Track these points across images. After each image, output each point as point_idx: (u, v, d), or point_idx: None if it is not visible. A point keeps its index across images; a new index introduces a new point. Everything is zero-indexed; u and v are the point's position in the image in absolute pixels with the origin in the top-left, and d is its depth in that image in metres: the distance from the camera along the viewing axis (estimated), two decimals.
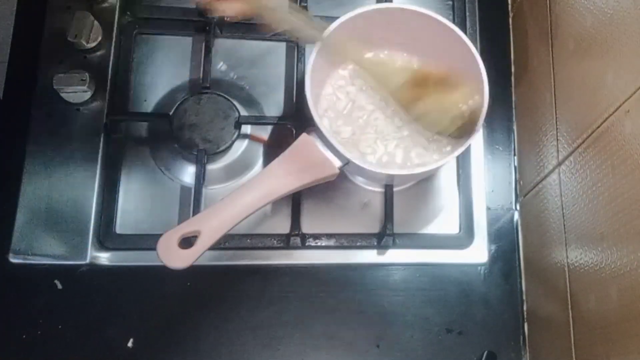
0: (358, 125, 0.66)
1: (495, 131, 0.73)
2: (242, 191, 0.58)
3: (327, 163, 0.59)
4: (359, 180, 0.70)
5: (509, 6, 0.77)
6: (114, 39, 0.71)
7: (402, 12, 0.64)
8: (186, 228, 0.56)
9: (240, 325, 0.66)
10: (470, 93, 0.62)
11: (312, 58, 0.61)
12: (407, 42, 0.67)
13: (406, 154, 0.65)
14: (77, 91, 0.68)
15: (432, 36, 0.64)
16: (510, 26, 0.77)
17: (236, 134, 0.68)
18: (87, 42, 0.69)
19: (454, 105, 0.62)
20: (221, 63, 0.73)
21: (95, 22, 0.70)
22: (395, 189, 0.69)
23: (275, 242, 0.67)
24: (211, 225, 0.56)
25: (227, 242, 0.66)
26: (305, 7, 0.71)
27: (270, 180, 0.58)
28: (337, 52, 0.62)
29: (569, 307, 0.58)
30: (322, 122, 0.62)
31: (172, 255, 0.54)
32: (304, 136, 0.60)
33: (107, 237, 0.66)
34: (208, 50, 0.70)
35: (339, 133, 0.65)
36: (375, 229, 0.69)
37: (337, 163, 0.60)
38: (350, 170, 0.64)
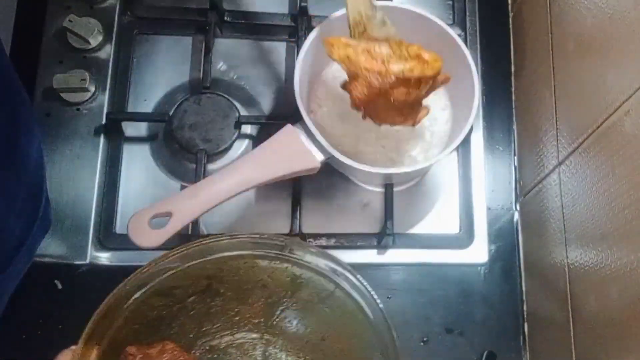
0: (354, 123, 0.66)
1: (495, 131, 0.73)
2: (218, 177, 0.57)
3: (308, 156, 0.59)
4: (359, 180, 0.70)
5: (509, 6, 0.77)
6: (114, 39, 0.71)
7: (398, 12, 0.64)
8: (158, 208, 0.55)
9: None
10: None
11: (304, 49, 0.61)
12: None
13: (402, 152, 0.65)
14: (77, 91, 0.68)
15: (425, 35, 0.64)
16: (510, 26, 0.77)
17: (236, 134, 0.68)
18: (87, 42, 0.69)
19: None
20: (221, 63, 0.73)
21: (96, 22, 0.70)
22: (395, 189, 0.68)
23: None
24: (184, 207, 0.55)
25: None
26: (305, 7, 0.71)
27: (249, 169, 0.58)
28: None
29: (569, 307, 0.58)
30: (318, 115, 0.61)
31: (141, 234, 0.54)
32: (288, 127, 0.60)
33: (107, 237, 0.66)
34: (208, 50, 0.70)
35: (333, 129, 0.65)
36: (375, 229, 0.69)
37: (319, 157, 0.59)
38: (335, 165, 0.64)
